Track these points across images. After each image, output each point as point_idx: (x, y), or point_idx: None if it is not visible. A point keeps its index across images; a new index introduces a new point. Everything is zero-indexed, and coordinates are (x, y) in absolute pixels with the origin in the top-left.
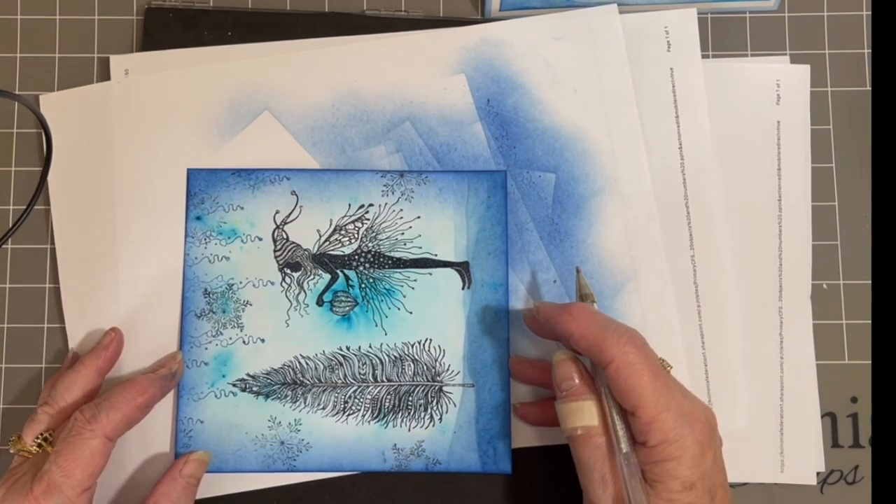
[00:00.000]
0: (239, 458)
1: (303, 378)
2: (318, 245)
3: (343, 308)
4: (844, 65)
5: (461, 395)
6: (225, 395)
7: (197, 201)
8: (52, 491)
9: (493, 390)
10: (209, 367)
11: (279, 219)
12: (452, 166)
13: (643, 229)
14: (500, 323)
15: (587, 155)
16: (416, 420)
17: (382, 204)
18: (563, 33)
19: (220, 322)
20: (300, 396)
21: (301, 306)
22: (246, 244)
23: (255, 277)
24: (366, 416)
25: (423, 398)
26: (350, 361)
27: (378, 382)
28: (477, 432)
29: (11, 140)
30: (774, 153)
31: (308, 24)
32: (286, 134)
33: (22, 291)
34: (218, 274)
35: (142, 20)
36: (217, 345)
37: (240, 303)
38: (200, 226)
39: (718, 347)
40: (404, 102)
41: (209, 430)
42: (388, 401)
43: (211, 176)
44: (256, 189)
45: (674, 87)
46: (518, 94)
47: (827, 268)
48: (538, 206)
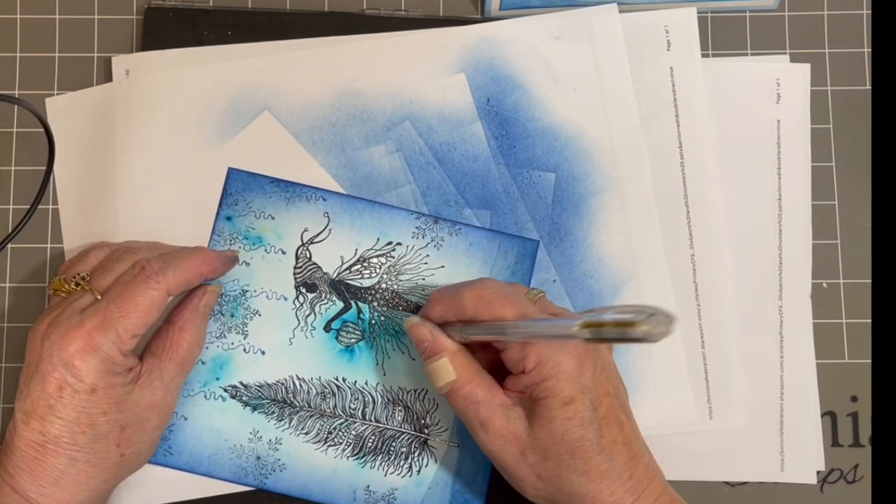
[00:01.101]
0: (213, 462)
1: (293, 399)
2: (338, 271)
3: (349, 339)
4: (844, 64)
5: (444, 452)
6: (214, 397)
7: (231, 202)
8: (107, 327)
9: (476, 456)
10: (205, 366)
11: (306, 237)
12: (452, 166)
13: (643, 228)
14: None
15: (587, 154)
16: (395, 466)
17: (411, 245)
18: (563, 33)
19: (226, 325)
20: (286, 416)
21: (308, 328)
22: (269, 254)
23: (269, 289)
24: (346, 450)
25: (407, 446)
26: (343, 393)
27: (366, 421)
28: (452, 493)
29: (11, 140)
30: (774, 152)
31: (308, 23)
32: (286, 133)
33: (22, 291)
34: (235, 277)
35: (142, 20)
36: (218, 346)
37: (249, 310)
38: (229, 226)
39: (718, 346)
40: (404, 102)
41: (191, 428)
42: (371, 441)
43: (250, 180)
44: (291, 202)
45: (674, 87)
46: (518, 93)
47: (827, 267)
48: (538, 206)
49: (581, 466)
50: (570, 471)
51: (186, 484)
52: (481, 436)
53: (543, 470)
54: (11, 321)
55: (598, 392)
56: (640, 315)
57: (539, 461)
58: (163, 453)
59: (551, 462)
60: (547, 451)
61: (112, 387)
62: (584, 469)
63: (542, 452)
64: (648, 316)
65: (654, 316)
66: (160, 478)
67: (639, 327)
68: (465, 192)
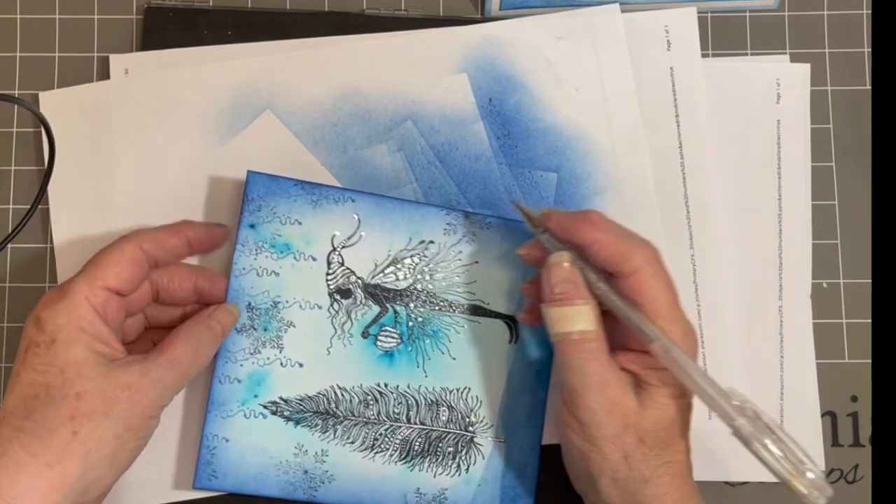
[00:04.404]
0: (260, 480)
1: (336, 409)
2: (372, 275)
3: (388, 344)
4: (844, 64)
5: (491, 448)
6: (255, 415)
7: (253, 208)
8: (77, 277)
9: (523, 449)
10: (242, 385)
11: (337, 241)
12: (454, 165)
13: (645, 229)
14: (540, 383)
15: (589, 155)
16: (443, 467)
17: (443, 243)
18: (565, 33)
19: (259, 340)
20: (330, 427)
21: (346, 335)
22: (298, 262)
23: (302, 298)
24: (393, 455)
25: (454, 446)
26: (386, 399)
27: (411, 424)
28: (502, 488)
29: (11, 140)
30: (774, 152)
31: (308, 23)
32: (288, 133)
33: (22, 291)
34: (265, 289)
35: (141, 19)
36: (253, 363)
37: (283, 322)
38: (253, 235)
39: (718, 347)
40: (406, 101)
41: (234, 450)
42: (417, 443)
43: (272, 183)
44: (318, 206)
45: (674, 87)
46: (520, 93)
47: (827, 267)
48: (540, 206)
49: (668, 457)
50: (658, 459)
51: None
52: (594, 396)
53: (635, 451)
54: (11, 321)
55: None
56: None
57: (634, 441)
58: (207, 477)
59: (645, 447)
60: (647, 435)
61: (74, 342)
62: (668, 460)
63: (641, 433)
64: (816, 478)
65: (817, 481)
66: None
67: (802, 485)
68: (467, 192)
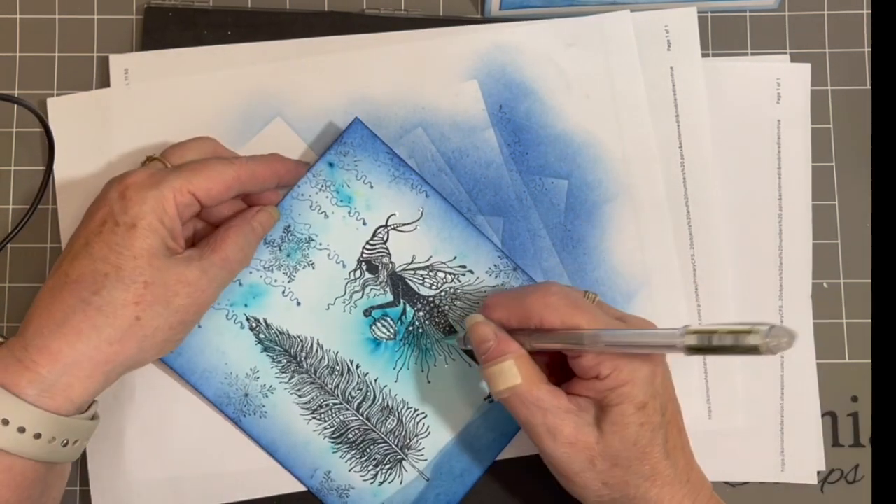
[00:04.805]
0: (204, 379)
1: (304, 359)
2: (404, 267)
3: (381, 333)
4: (845, 63)
5: (413, 479)
6: (235, 321)
7: (341, 150)
8: (173, 172)
9: (440, 498)
10: (241, 288)
11: (392, 220)
12: (464, 172)
13: (656, 236)
14: (491, 450)
15: (600, 161)
16: (362, 468)
17: (480, 278)
18: (576, 39)
19: (278, 261)
20: (290, 371)
21: (351, 303)
22: (350, 218)
23: (334, 249)
24: (327, 430)
25: (382, 456)
26: (350, 378)
27: (358, 414)
28: None
29: (11, 140)
30: (774, 152)
31: (308, 23)
32: (298, 140)
33: (22, 291)
34: (308, 222)
35: (141, 19)
36: (261, 277)
37: (306, 259)
38: (327, 172)
39: None
40: (416, 108)
41: (199, 338)
42: (353, 433)
43: (370, 140)
44: (395, 181)
45: (674, 87)
46: (530, 100)
47: (827, 267)
48: (550, 213)
49: (648, 472)
50: (638, 476)
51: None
52: (548, 444)
53: (611, 477)
54: (11, 321)
55: (665, 397)
56: (759, 325)
57: (607, 468)
58: None
59: (620, 469)
60: (617, 458)
61: (152, 232)
62: (650, 474)
63: (611, 459)
64: (770, 327)
65: (773, 328)
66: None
67: (756, 336)
68: (478, 198)
